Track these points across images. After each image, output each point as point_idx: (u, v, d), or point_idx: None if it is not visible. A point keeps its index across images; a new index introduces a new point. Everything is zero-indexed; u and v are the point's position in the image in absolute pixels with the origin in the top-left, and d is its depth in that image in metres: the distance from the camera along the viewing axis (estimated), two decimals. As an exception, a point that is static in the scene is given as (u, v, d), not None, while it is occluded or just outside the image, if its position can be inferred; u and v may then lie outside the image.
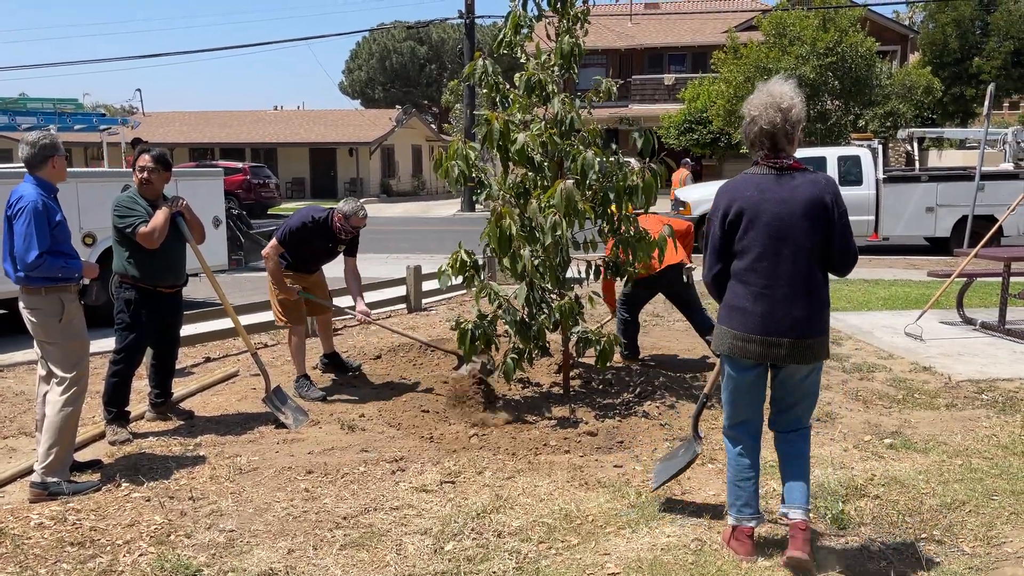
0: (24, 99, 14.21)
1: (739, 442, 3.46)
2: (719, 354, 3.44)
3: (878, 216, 14.26)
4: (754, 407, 3.44)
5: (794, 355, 3.23)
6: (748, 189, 3.27)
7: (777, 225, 3.20)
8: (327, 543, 3.65)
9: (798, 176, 3.25)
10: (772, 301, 3.22)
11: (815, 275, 3.25)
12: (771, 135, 3.24)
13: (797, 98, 3.25)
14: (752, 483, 3.42)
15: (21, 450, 4.92)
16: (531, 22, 5.85)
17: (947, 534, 3.66)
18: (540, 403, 5.70)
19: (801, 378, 3.34)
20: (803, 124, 3.29)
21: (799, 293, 3.22)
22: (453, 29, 48.06)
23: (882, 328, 8.07)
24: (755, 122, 3.26)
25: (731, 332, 3.31)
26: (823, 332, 3.27)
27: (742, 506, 3.42)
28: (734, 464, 3.46)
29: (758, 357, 3.27)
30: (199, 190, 9.28)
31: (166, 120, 39.93)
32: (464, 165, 5.50)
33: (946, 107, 29.21)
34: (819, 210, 3.20)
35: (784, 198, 3.21)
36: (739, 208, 3.26)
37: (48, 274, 4.20)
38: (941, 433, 5.01)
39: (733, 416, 3.46)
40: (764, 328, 3.23)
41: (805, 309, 3.22)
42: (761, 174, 3.28)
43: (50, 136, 4.39)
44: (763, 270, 3.23)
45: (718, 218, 3.34)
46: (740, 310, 3.29)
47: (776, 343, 3.22)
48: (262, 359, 5.69)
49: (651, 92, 35.16)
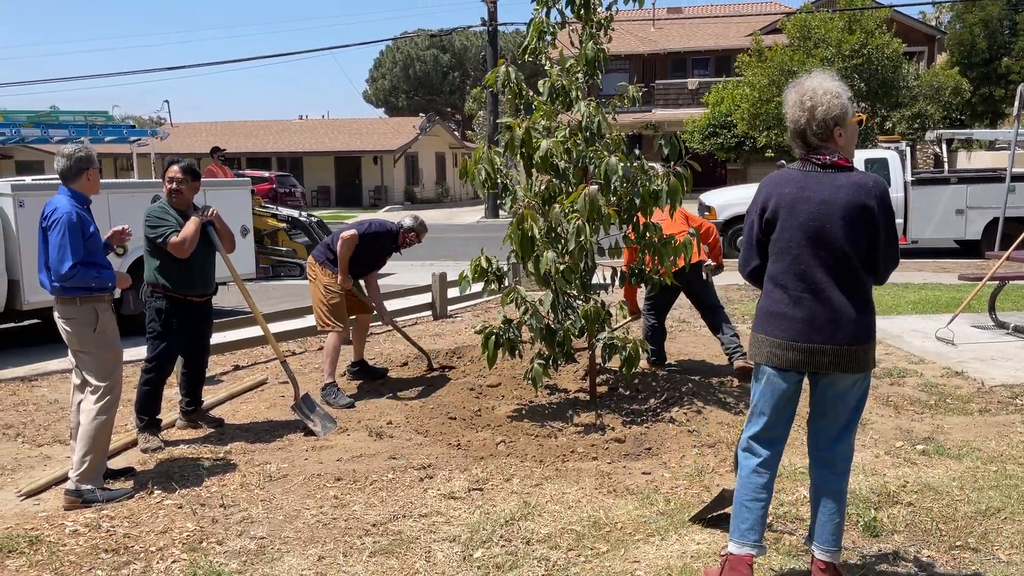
0: (56, 112, 14.47)
1: (758, 457, 3.17)
2: (756, 363, 3.19)
3: (907, 219, 14.10)
4: (785, 422, 3.19)
5: (838, 363, 3.01)
6: (787, 185, 3.08)
7: (815, 226, 3.01)
8: (356, 550, 3.67)
9: (843, 176, 3.04)
10: (814, 306, 3.02)
11: (859, 279, 3.04)
12: (800, 133, 3.11)
13: (826, 95, 3.04)
14: (762, 506, 3.14)
15: (56, 458, 5.00)
16: (554, 29, 5.87)
17: (982, 542, 3.61)
18: (566, 409, 5.69)
19: (845, 389, 3.09)
20: (837, 120, 3.05)
21: (842, 298, 3.01)
22: (476, 37, 48.25)
23: (912, 332, 7.97)
24: (786, 120, 3.14)
25: (769, 340, 3.09)
26: (869, 339, 3.06)
27: (747, 530, 3.12)
28: (747, 482, 3.16)
29: (800, 366, 3.05)
30: (227, 199, 9.39)
31: (193, 130, 40.44)
32: (490, 168, 5.53)
33: (975, 108, 28.84)
34: (862, 213, 2.99)
35: (824, 199, 3.01)
36: (776, 204, 3.09)
37: (81, 284, 4.27)
38: (975, 439, 4.94)
39: (760, 431, 3.17)
40: (806, 335, 3.02)
41: (850, 314, 3.01)
42: (804, 171, 3.09)
43: (85, 149, 4.48)
44: (802, 273, 3.04)
45: (756, 213, 3.15)
46: (779, 316, 3.08)
47: (820, 351, 3.01)
48: (291, 367, 5.74)
49: (675, 96, 35.06)
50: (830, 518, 3.14)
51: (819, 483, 3.19)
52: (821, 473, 3.18)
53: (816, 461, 3.21)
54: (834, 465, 3.16)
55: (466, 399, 6.02)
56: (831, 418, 3.14)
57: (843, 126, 3.06)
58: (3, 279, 7.57)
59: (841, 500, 3.16)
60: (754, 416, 3.21)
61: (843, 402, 3.11)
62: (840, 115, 3.05)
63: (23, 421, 5.78)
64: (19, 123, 12.21)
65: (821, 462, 3.18)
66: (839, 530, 3.14)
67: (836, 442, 3.16)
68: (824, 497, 3.15)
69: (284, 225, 13.88)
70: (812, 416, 3.22)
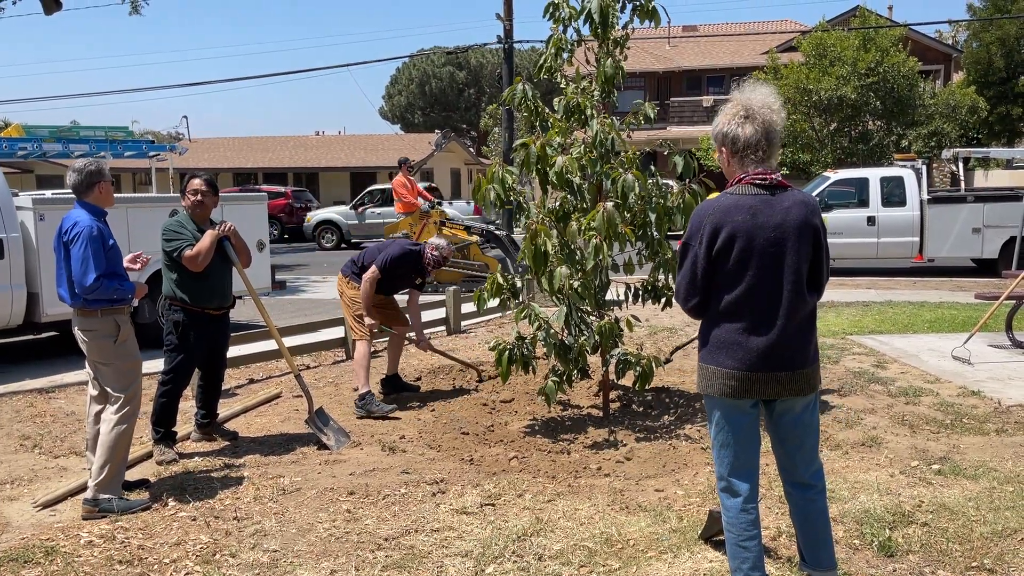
0: (76, 127, 14.67)
1: (738, 495, 3.04)
2: (708, 395, 3.08)
3: (923, 237, 14.05)
4: (753, 452, 3.08)
5: (794, 387, 2.97)
6: (738, 213, 2.93)
7: (773, 252, 2.91)
8: (369, 564, 3.67)
9: (786, 196, 2.97)
10: (769, 333, 2.93)
11: (807, 301, 2.99)
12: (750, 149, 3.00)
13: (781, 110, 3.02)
14: (758, 542, 3.03)
15: (72, 469, 5.04)
16: (572, 47, 5.91)
17: (998, 563, 3.58)
18: (580, 425, 5.69)
19: (802, 410, 3.06)
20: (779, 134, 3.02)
21: (796, 323, 2.96)
22: (491, 54, 48.47)
23: (928, 351, 7.92)
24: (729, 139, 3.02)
25: (723, 371, 2.98)
26: (816, 359, 3.05)
27: (750, 570, 3.01)
28: (736, 523, 3.03)
29: (756, 394, 2.97)
30: (244, 214, 9.48)
31: (211, 146, 40.80)
32: (501, 189, 5.53)
33: (992, 126, 28.70)
34: (811, 232, 2.95)
35: (778, 223, 2.92)
36: (729, 234, 2.93)
37: (104, 296, 4.33)
38: (991, 459, 4.90)
39: (733, 464, 3.05)
40: (763, 363, 2.93)
41: (801, 338, 2.97)
42: (752, 195, 2.96)
43: (96, 163, 4.56)
44: (759, 301, 2.94)
45: (703, 245, 2.97)
46: (732, 345, 2.97)
47: (775, 378, 2.94)
48: (305, 381, 5.77)
49: (689, 114, 35.09)
50: (824, 539, 3.14)
51: (804, 506, 3.16)
52: (805, 496, 3.15)
53: (795, 487, 3.17)
54: (814, 486, 3.14)
55: (479, 414, 6.03)
56: (796, 442, 3.10)
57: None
58: (23, 292, 7.65)
59: (828, 517, 3.16)
60: (723, 454, 3.09)
61: (802, 424, 3.08)
62: (780, 130, 3.03)
63: (40, 433, 5.83)
64: (41, 138, 12.40)
65: (801, 487, 3.15)
66: (833, 547, 3.16)
67: (810, 463, 3.13)
68: (813, 518, 3.14)
69: (476, 239, 13.26)
70: (775, 444, 3.17)
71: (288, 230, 27.85)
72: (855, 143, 21.78)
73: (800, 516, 3.18)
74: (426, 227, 13.03)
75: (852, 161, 21.05)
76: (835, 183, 14.71)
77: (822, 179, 15.18)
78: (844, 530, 3.89)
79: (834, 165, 19.65)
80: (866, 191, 14.42)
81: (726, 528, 3.08)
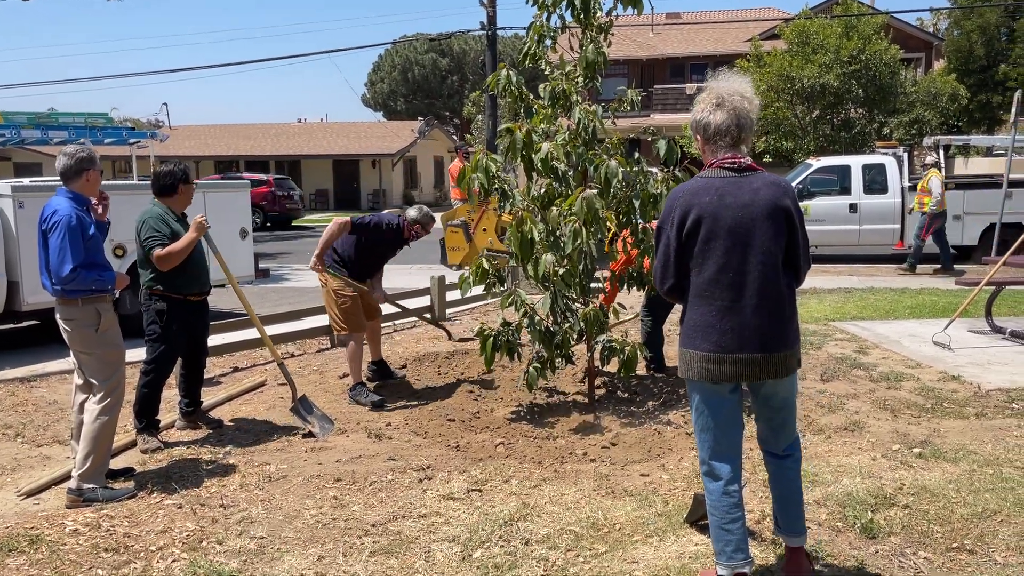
0: (55, 114, 14.49)
1: (720, 479, 3.08)
2: (688, 379, 3.13)
3: (904, 224, 14.15)
4: (735, 436, 3.12)
5: (771, 370, 3.01)
6: (705, 194, 3.01)
7: (740, 232, 2.97)
8: (356, 550, 3.68)
9: (757, 178, 3.03)
10: (741, 314, 2.97)
11: (782, 283, 3.02)
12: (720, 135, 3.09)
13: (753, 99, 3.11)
14: (741, 524, 3.05)
15: (55, 458, 5.01)
16: (555, 33, 5.89)
17: (978, 544, 3.63)
18: (565, 412, 5.71)
19: (785, 392, 3.14)
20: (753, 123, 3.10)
21: (769, 304, 2.99)
22: (475, 41, 48.28)
23: (909, 337, 8.00)
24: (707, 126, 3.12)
25: (699, 354, 3.03)
26: (796, 342, 3.09)
27: (733, 552, 3.04)
28: (719, 505, 3.07)
29: (733, 377, 3.00)
30: (226, 202, 9.42)
31: (192, 133, 40.45)
32: (484, 178, 5.50)
33: (972, 114, 28.92)
34: (782, 213, 3.00)
35: (745, 202, 2.98)
36: (697, 215, 3.00)
37: (82, 287, 4.28)
38: (971, 442, 4.96)
39: (714, 448, 3.10)
40: (738, 345, 2.97)
41: (777, 320, 3.00)
42: (720, 177, 3.04)
43: (88, 150, 4.50)
44: (729, 281, 2.98)
45: (673, 226, 3.05)
46: (707, 328, 3.01)
47: (751, 360, 2.98)
48: (288, 369, 5.75)
49: (673, 101, 35.10)
50: (797, 504, 3.26)
51: (782, 475, 3.28)
52: (783, 464, 3.28)
53: (774, 456, 3.30)
54: (791, 456, 3.28)
55: (465, 401, 6.04)
56: (779, 420, 3.23)
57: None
58: (2, 280, 7.58)
59: (800, 484, 3.29)
60: (704, 438, 3.14)
61: (786, 405, 3.21)
62: (753, 117, 3.12)
63: (22, 422, 5.78)
64: (19, 124, 12.23)
65: (780, 457, 3.29)
66: (803, 514, 3.28)
67: (789, 436, 3.27)
68: (789, 485, 3.27)
69: None
70: (759, 420, 3.29)
71: (270, 218, 27.69)
72: (837, 131, 21.87)
73: (777, 483, 3.32)
74: (485, 214, 12.69)
75: (834, 149, 21.14)
76: (817, 170, 14.78)
77: (805, 167, 15.25)
78: (827, 513, 3.93)
79: (816, 152, 19.73)
80: (848, 178, 14.49)
81: (709, 511, 3.12)
